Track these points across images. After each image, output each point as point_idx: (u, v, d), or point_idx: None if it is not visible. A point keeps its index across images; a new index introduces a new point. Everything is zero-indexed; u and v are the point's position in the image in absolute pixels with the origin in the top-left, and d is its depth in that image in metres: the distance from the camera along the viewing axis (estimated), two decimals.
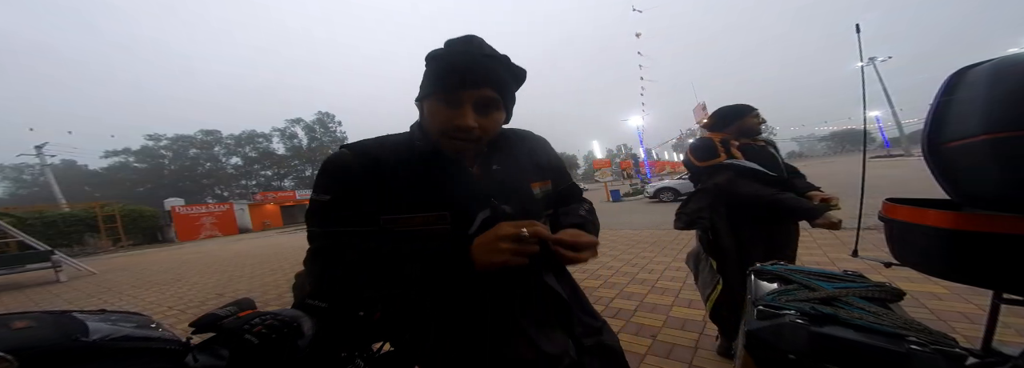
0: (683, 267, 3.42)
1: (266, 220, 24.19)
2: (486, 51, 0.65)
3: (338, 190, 0.64)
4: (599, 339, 0.75)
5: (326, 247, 0.65)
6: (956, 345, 0.55)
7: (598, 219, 0.83)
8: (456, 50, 0.64)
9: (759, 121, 1.59)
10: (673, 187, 12.09)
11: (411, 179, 0.65)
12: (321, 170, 0.67)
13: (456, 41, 0.66)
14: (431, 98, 0.64)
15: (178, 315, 3.61)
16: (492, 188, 0.69)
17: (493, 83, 0.63)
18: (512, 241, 0.57)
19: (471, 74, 0.61)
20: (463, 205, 0.66)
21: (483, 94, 0.62)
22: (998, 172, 0.58)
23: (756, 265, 0.98)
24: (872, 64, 32.16)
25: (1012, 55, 0.61)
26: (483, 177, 0.70)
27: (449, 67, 0.62)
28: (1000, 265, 0.59)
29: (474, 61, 0.62)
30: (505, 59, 0.66)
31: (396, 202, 0.64)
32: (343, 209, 0.64)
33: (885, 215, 0.78)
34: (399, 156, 0.67)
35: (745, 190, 1.47)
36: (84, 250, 14.77)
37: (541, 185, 0.77)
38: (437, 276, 0.60)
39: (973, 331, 1.76)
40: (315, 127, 45.92)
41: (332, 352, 1.03)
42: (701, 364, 1.72)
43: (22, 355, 0.63)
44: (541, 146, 0.83)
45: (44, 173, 23.17)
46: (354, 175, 0.64)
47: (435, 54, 0.65)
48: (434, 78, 0.64)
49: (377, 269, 0.61)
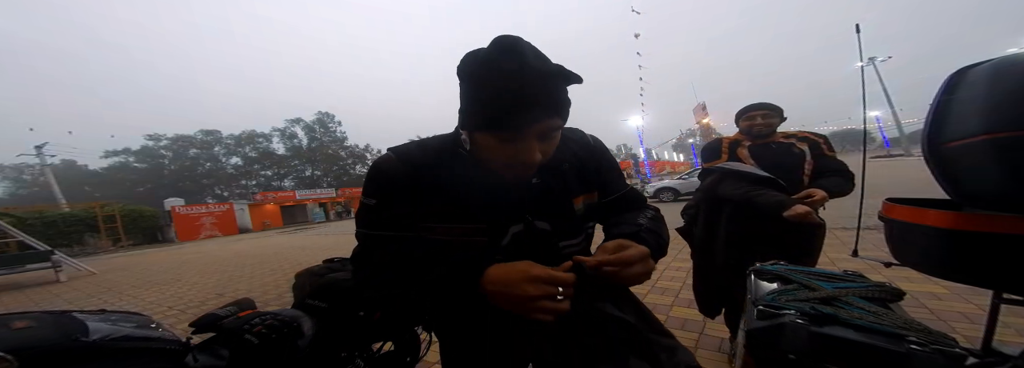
0: (683, 267, 3.42)
1: (266, 220, 24.18)
2: (543, 66, 0.51)
3: (381, 195, 0.65)
4: (678, 360, 0.67)
5: (367, 248, 0.67)
6: (956, 345, 0.55)
7: (665, 228, 0.72)
8: (505, 70, 0.49)
9: (754, 123, 1.57)
10: (673, 187, 12.11)
11: (449, 188, 0.63)
12: (368, 174, 0.67)
13: (501, 53, 0.50)
14: (483, 131, 0.55)
15: (178, 315, 3.61)
16: (529, 202, 0.65)
17: (559, 109, 0.54)
18: (536, 300, 0.49)
19: (535, 106, 0.51)
20: (496, 218, 0.63)
21: (550, 125, 0.54)
22: (998, 172, 0.58)
23: (756, 265, 0.97)
24: (872, 64, 32.18)
25: (1012, 55, 0.61)
26: (522, 190, 0.64)
27: (504, 96, 0.50)
28: (1000, 265, 0.59)
29: (534, 87, 0.50)
30: (562, 71, 0.54)
31: (433, 211, 0.64)
32: (385, 213, 0.65)
33: (885, 215, 0.78)
34: (441, 161, 0.64)
35: (724, 190, 1.50)
36: (84, 250, 14.77)
37: (586, 198, 0.71)
38: (451, 290, 0.56)
39: (973, 331, 1.76)
40: (315, 127, 45.93)
41: (332, 352, 1.03)
42: (701, 364, 1.72)
43: (22, 355, 0.63)
44: (590, 152, 0.73)
45: (44, 173, 23.17)
46: (395, 181, 0.64)
47: (476, 72, 0.52)
48: (482, 108, 0.53)
49: (400, 272, 0.61)
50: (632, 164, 21.73)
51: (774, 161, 1.49)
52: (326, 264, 1.30)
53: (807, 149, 1.52)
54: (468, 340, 0.71)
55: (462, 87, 0.55)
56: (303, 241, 10.78)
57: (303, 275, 1.24)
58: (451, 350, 0.75)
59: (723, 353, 1.80)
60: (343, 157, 45.48)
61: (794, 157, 1.51)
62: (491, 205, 0.63)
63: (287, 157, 44.73)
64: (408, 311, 0.74)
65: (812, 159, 1.50)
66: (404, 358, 1.29)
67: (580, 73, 0.55)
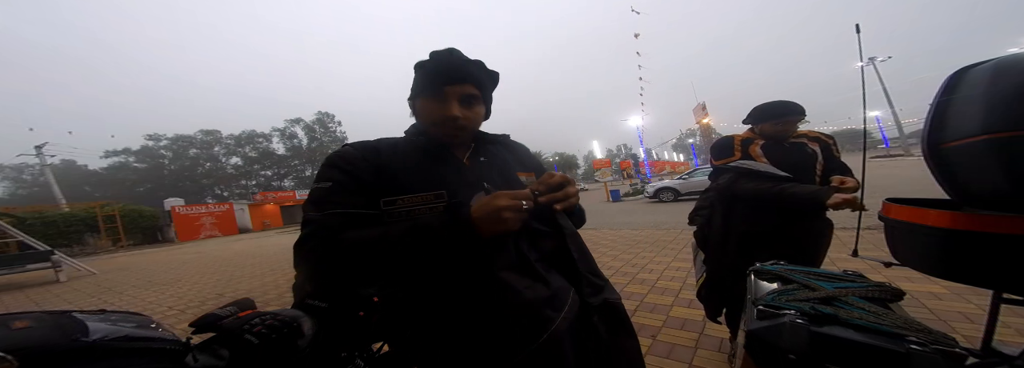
0: (683, 267, 3.43)
1: (266, 220, 24.19)
2: (464, 57, 0.76)
3: (339, 176, 0.68)
4: (603, 297, 0.75)
5: (321, 229, 0.63)
6: (956, 345, 0.55)
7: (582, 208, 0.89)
8: (440, 57, 0.75)
9: (782, 129, 1.49)
10: (673, 187, 12.09)
11: (408, 165, 0.72)
12: (323, 163, 0.71)
13: (439, 51, 0.76)
14: (421, 96, 0.76)
15: (178, 315, 3.61)
16: (483, 175, 0.76)
17: (473, 80, 0.74)
18: (514, 211, 0.61)
19: (454, 73, 0.72)
20: (457, 189, 0.70)
21: (465, 90, 0.73)
22: (998, 172, 0.58)
23: (756, 265, 0.97)
24: (872, 64, 32.16)
25: (1012, 55, 0.61)
26: (473, 166, 0.78)
27: (434, 69, 0.73)
28: (1000, 265, 0.59)
29: (455, 63, 0.73)
30: (480, 63, 0.76)
31: (394, 185, 0.69)
32: (344, 193, 0.67)
33: (885, 215, 0.78)
34: (396, 148, 0.75)
35: (746, 189, 1.45)
36: (84, 250, 14.78)
37: (527, 176, 0.83)
38: (442, 244, 0.61)
39: (973, 331, 1.76)
40: (315, 127, 45.92)
41: (332, 352, 1.03)
42: (701, 364, 1.72)
43: (22, 355, 0.63)
44: (520, 147, 0.93)
45: (44, 173, 23.15)
46: (354, 162, 0.70)
47: (422, 62, 0.76)
48: (423, 79, 0.75)
49: (380, 244, 0.61)
50: (632, 164, 21.70)
51: (788, 160, 1.46)
52: None
53: (819, 149, 1.50)
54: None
55: (415, 75, 0.77)
56: None
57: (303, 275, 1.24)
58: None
59: (723, 353, 1.80)
60: None
61: (808, 157, 1.48)
62: (450, 179, 0.72)
63: (287, 157, 44.75)
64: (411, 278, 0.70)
65: (823, 160, 1.48)
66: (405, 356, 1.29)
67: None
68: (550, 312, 0.66)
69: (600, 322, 0.72)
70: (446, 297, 0.67)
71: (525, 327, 0.64)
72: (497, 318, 0.65)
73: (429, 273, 0.67)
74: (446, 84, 0.72)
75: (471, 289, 0.66)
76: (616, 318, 0.76)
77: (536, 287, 0.68)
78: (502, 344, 0.63)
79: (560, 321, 0.66)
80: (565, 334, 0.66)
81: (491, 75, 0.79)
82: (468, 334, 0.65)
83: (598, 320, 0.72)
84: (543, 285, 0.68)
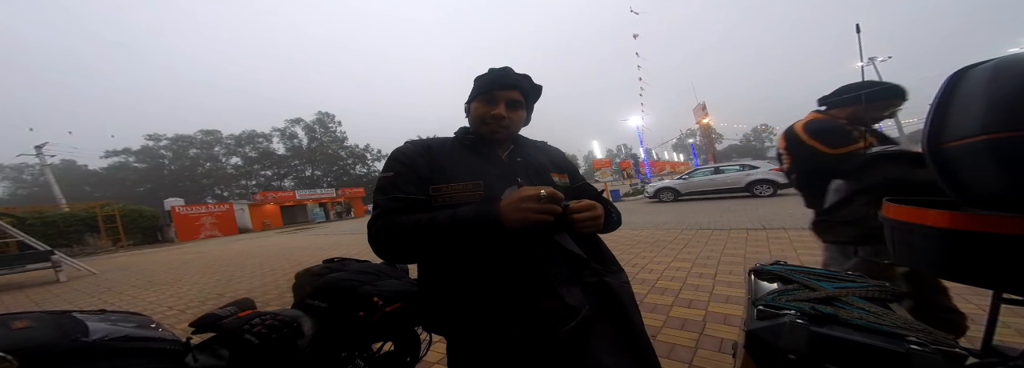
0: (683, 267, 3.43)
1: (266, 220, 24.17)
2: (516, 73, 0.90)
3: (399, 167, 0.82)
4: (601, 278, 0.78)
5: (387, 211, 0.77)
6: (956, 345, 0.55)
7: (619, 212, 0.94)
8: (496, 70, 0.90)
9: (880, 115, 1.33)
10: (673, 187, 12.09)
11: (454, 158, 0.85)
12: (388, 158, 0.87)
13: (496, 67, 0.91)
14: (475, 100, 0.89)
15: (178, 315, 3.61)
16: (518, 171, 0.87)
17: (520, 88, 0.88)
18: (533, 201, 0.67)
19: (505, 80, 0.87)
20: (493, 181, 0.81)
21: (512, 95, 0.87)
22: (998, 172, 0.58)
23: (756, 265, 0.98)
24: (872, 64, 32.13)
25: (1012, 55, 0.61)
26: (510, 163, 0.89)
27: (490, 78, 0.88)
28: (1000, 265, 0.59)
29: (507, 74, 0.88)
30: (528, 76, 0.91)
31: (441, 176, 0.81)
32: (403, 182, 0.80)
33: (885, 215, 0.78)
34: (445, 145, 0.90)
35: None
36: (84, 250, 14.77)
37: (559, 177, 0.94)
38: (471, 229, 0.69)
39: (973, 331, 1.75)
40: (315, 127, 45.86)
41: (332, 352, 1.03)
42: (701, 364, 1.72)
43: (22, 355, 0.63)
44: (556, 151, 1.05)
45: (44, 173, 23.13)
46: (412, 156, 0.84)
47: (481, 74, 0.91)
48: (478, 86, 0.89)
49: (428, 227, 0.71)
50: (632, 164, 21.66)
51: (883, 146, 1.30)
52: (326, 264, 1.30)
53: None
54: (478, 340, 0.74)
55: (473, 84, 0.91)
56: (303, 241, 10.78)
57: (303, 275, 1.24)
58: (460, 351, 0.77)
59: (723, 353, 1.80)
60: (343, 157, 45.34)
61: (889, 142, 1.38)
62: (489, 172, 0.83)
63: (287, 157, 44.69)
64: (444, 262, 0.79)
65: None
66: (404, 358, 1.29)
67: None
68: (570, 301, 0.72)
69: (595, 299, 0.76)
70: (475, 281, 0.74)
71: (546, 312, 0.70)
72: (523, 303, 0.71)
73: (466, 257, 0.74)
74: (497, 89, 0.86)
75: (497, 275, 0.73)
76: (610, 300, 0.78)
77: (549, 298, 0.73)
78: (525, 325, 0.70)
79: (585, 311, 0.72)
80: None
81: (535, 87, 0.93)
82: (494, 314, 0.71)
83: (592, 300, 0.75)
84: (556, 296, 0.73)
